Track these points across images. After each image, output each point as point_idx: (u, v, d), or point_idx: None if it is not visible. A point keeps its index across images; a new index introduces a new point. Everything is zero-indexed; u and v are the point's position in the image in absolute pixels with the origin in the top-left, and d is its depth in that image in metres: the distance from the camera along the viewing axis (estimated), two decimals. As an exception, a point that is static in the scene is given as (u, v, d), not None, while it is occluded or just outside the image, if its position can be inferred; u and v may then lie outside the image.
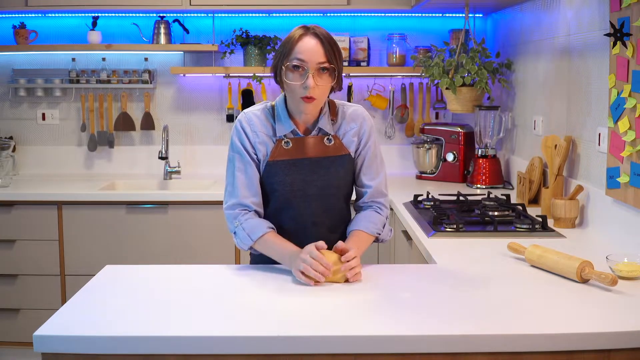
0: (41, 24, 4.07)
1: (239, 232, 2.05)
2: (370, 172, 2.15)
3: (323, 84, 1.99)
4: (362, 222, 2.11)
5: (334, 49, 2.00)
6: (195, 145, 4.21)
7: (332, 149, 2.10)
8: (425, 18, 4.14)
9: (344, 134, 2.13)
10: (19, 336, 3.64)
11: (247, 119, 2.10)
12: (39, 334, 1.56)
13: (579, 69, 2.73)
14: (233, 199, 2.08)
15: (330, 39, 2.01)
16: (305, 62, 1.96)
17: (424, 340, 1.56)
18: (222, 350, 1.55)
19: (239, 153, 2.08)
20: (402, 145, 4.23)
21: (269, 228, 2.04)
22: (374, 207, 2.16)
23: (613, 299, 1.79)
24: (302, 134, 2.10)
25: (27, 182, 3.88)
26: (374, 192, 2.15)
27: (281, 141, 2.08)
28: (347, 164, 2.12)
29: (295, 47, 1.97)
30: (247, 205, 2.07)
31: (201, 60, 4.15)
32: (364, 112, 2.16)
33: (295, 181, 2.08)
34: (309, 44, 1.97)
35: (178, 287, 1.92)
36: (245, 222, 2.04)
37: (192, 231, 3.57)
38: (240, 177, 2.07)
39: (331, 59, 1.98)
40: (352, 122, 2.13)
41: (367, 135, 2.14)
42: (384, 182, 2.17)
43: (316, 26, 2.02)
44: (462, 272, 2.04)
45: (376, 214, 2.14)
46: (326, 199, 2.12)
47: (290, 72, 1.99)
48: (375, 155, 2.15)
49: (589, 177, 2.64)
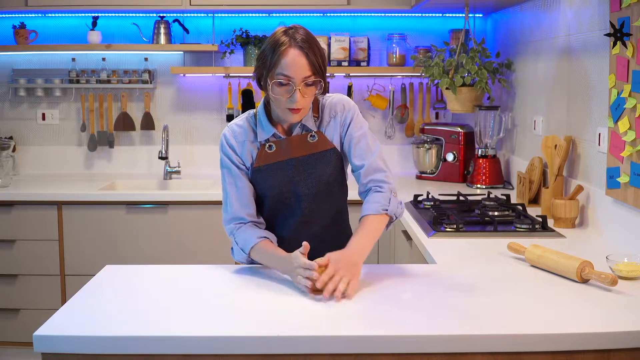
0: (41, 24, 4.07)
1: (234, 247, 2.07)
2: (360, 152, 2.07)
3: (309, 96, 1.98)
4: (365, 207, 2.03)
5: (318, 57, 1.95)
6: (195, 145, 4.21)
7: (316, 145, 2.08)
8: (425, 18, 4.14)
9: (326, 125, 2.09)
10: (19, 336, 3.64)
11: (231, 131, 2.10)
12: (39, 334, 1.56)
13: (579, 69, 2.73)
14: (227, 214, 2.08)
15: (313, 45, 1.95)
16: (292, 78, 1.93)
17: (424, 340, 1.56)
18: (222, 350, 1.55)
19: (226, 167, 2.09)
20: (402, 145, 4.23)
21: (259, 238, 2.01)
22: (372, 187, 2.07)
23: (613, 299, 1.79)
24: (284, 135, 2.08)
25: (27, 182, 3.88)
26: (367, 169, 2.06)
27: (264, 146, 2.07)
28: (334, 158, 2.09)
29: (281, 62, 1.92)
30: (241, 218, 2.06)
31: (201, 60, 4.15)
32: (342, 98, 2.11)
33: (284, 183, 2.08)
34: (294, 59, 1.92)
35: (178, 287, 1.92)
36: (238, 236, 2.04)
37: (192, 231, 3.57)
38: (231, 192, 2.07)
39: (317, 71, 1.95)
40: (332, 110, 2.09)
41: (349, 118, 2.08)
42: (378, 158, 2.08)
43: (297, 30, 1.96)
44: (462, 272, 2.03)
45: (376, 193, 2.05)
46: (318, 196, 2.10)
47: (276, 87, 1.95)
48: (362, 135, 2.08)
49: (589, 177, 2.64)
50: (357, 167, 2.08)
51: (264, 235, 2.03)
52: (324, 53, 2.02)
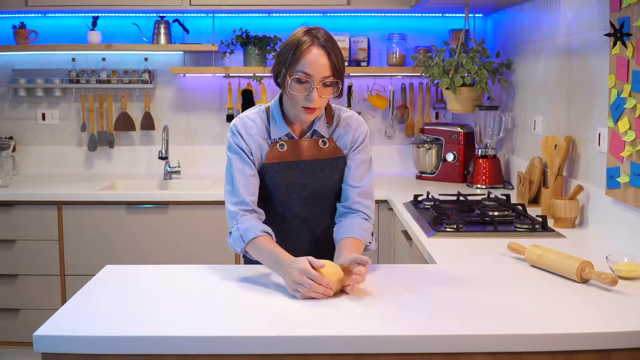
0: (41, 24, 4.07)
1: (233, 232, 2.00)
2: (359, 174, 2.11)
3: (326, 96, 1.99)
4: (357, 230, 2.04)
5: (339, 59, 1.97)
6: (195, 145, 4.21)
7: (326, 152, 2.10)
8: (425, 18, 4.14)
9: (338, 137, 2.12)
10: (19, 336, 3.64)
11: (242, 122, 2.09)
12: (39, 334, 1.56)
13: (579, 69, 2.73)
14: (233, 197, 2.04)
15: (334, 47, 1.97)
16: (311, 77, 1.94)
17: (425, 340, 1.56)
18: (222, 350, 1.55)
19: (236, 153, 2.07)
20: (402, 145, 4.23)
21: (263, 232, 1.97)
22: (361, 214, 2.10)
23: (613, 299, 1.79)
24: (297, 136, 2.10)
25: (27, 182, 3.88)
26: (362, 192, 2.10)
27: (276, 143, 2.07)
28: (341, 166, 2.12)
29: (302, 59, 1.93)
30: (247, 203, 2.03)
31: (201, 60, 4.15)
32: (359, 118, 2.16)
33: (290, 183, 2.08)
34: (316, 57, 1.93)
35: (178, 287, 1.92)
36: (241, 223, 1.99)
37: (192, 231, 3.57)
38: (239, 177, 2.05)
39: (336, 73, 1.96)
40: (347, 126, 2.12)
41: (361, 139, 2.12)
42: (371, 186, 2.14)
43: (319, 31, 1.98)
44: (462, 272, 2.03)
45: (366, 222, 2.09)
46: (321, 201, 2.12)
47: (295, 83, 1.96)
48: (366, 160, 2.13)
49: (589, 177, 2.64)
50: (352, 186, 2.11)
51: (267, 231, 1.99)
52: (343, 56, 2.03)
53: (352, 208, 2.10)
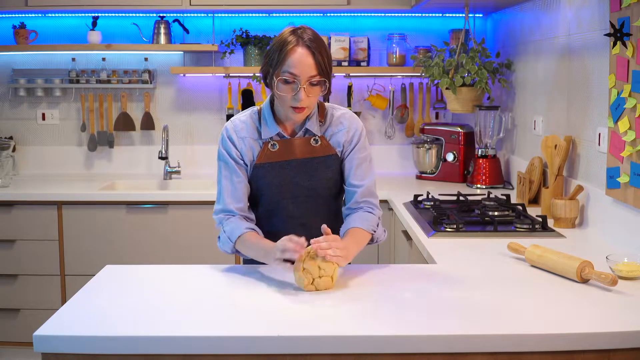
0: (41, 24, 4.07)
1: (221, 235, 2.07)
2: (360, 173, 2.12)
3: (314, 95, 2.00)
4: (358, 220, 2.07)
5: (325, 58, 1.98)
6: (195, 145, 4.21)
7: (319, 150, 2.10)
8: (425, 18, 4.14)
9: (331, 135, 2.13)
10: (19, 336, 3.64)
11: (233, 126, 2.11)
12: (39, 334, 1.56)
13: (579, 69, 2.73)
14: (219, 205, 2.11)
15: (320, 46, 1.98)
16: (297, 77, 1.96)
17: (424, 340, 1.56)
18: (222, 350, 1.55)
19: (224, 161, 2.10)
20: (402, 145, 4.23)
21: (247, 229, 2.03)
22: (365, 208, 2.11)
23: (613, 299, 1.79)
24: (288, 135, 2.11)
25: (27, 182, 3.88)
26: (365, 191, 2.11)
27: (268, 144, 2.08)
28: (334, 163, 2.12)
29: (288, 60, 1.95)
30: (230, 211, 2.08)
31: (201, 60, 4.15)
32: (352, 116, 2.16)
33: (283, 183, 2.09)
34: (301, 57, 1.95)
35: (178, 287, 1.92)
36: (227, 225, 2.05)
37: (192, 231, 3.58)
38: (225, 185, 2.09)
39: (322, 71, 1.97)
40: (340, 124, 2.13)
41: (357, 137, 2.13)
42: (374, 184, 2.15)
43: (305, 30, 1.99)
44: (462, 272, 2.03)
45: (369, 214, 2.10)
46: (315, 199, 2.13)
47: (282, 84, 1.98)
48: (365, 158, 2.14)
49: (589, 177, 2.64)
50: (354, 186, 2.12)
51: (252, 227, 2.05)
52: (331, 55, 2.04)
53: (357, 207, 2.12)
